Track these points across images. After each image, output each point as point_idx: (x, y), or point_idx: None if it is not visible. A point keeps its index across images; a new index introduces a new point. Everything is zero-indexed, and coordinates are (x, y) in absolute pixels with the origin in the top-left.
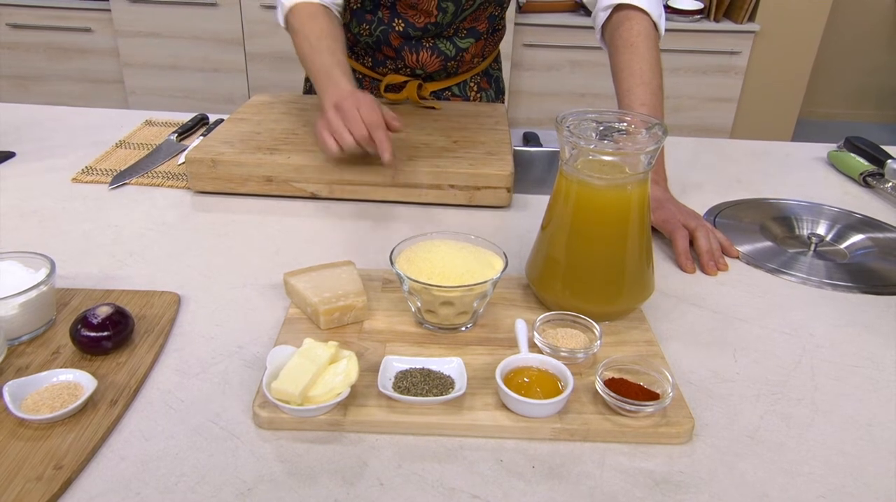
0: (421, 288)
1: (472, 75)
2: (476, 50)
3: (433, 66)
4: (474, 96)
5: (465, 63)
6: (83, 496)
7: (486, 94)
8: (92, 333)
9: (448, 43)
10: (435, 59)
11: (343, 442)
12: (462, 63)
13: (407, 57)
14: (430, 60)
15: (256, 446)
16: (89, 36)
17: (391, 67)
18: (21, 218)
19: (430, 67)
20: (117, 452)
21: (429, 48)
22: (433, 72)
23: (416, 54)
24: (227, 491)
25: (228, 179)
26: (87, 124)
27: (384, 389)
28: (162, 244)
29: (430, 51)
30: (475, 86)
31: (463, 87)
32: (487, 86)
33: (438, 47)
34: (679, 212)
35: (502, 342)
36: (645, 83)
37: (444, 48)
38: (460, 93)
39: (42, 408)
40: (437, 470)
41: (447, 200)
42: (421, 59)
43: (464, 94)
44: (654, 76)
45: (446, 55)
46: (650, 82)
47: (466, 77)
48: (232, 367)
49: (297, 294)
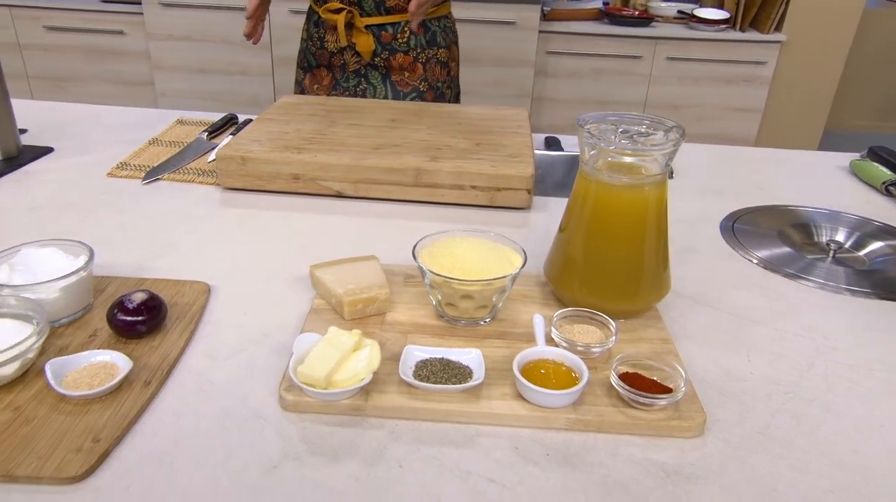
0: (442, 281)
1: (406, 19)
2: None
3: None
4: (401, 35)
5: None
6: (119, 467)
7: (415, 38)
8: (128, 317)
9: None
10: None
11: (364, 425)
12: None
13: None
14: None
15: (282, 427)
16: (122, 39)
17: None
18: (60, 209)
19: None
20: (151, 428)
21: None
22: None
23: None
24: (253, 467)
25: (257, 176)
26: (121, 123)
27: (405, 376)
28: (192, 237)
29: None
30: (408, 30)
31: (396, 27)
32: (421, 32)
33: None
34: None
35: (520, 336)
36: None
37: None
38: (393, 32)
39: (81, 385)
40: (454, 454)
41: (468, 201)
42: None
43: (394, 33)
44: None
45: None
46: None
47: (401, 19)
48: (259, 353)
49: (323, 285)
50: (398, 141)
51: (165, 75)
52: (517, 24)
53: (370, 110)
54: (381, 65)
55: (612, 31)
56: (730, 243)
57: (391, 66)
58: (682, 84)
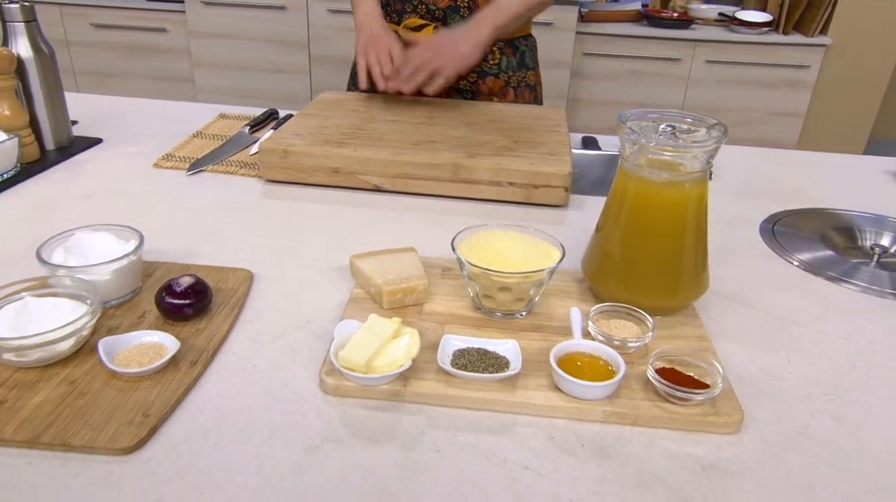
0: (480, 272)
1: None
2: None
3: (443, 1)
4: (493, 56)
5: (480, 8)
6: (167, 442)
7: (506, 59)
8: (175, 300)
9: None
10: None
11: (402, 411)
12: (475, 6)
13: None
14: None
15: (322, 410)
16: (164, 36)
17: (410, 9)
18: (110, 197)
19: (440, 2)
20: (197, 406)
21: None
22: (447, 10)
23: None
24: (296, 446)
25: (298, 169)
26: (166, 116)
27: (443, 365)
28: (235, 226)
29: None
30: (497, 49)
31: None
32: (511, 53)
33: None
34: (435, 55)
35: (556, 330)
36: None
37: None
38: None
39: (131, 363)
40: (490, 442)
41: (505, 197)
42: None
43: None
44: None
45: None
46: None
47: None
48: (300, 339)
49: (362, 275)
50: (436, 137)
51: (205, 72)
52: (554, 25)
53: (408, 107)
54: (468, 88)
55: (650, 32)
56: (770, 245)
57: (479, 91)
58: (720, 87)
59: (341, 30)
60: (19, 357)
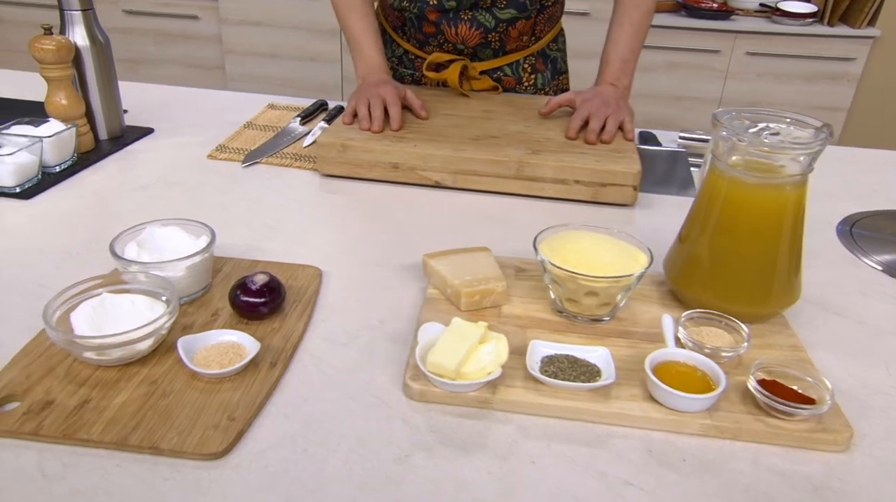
0: (567, 276)
1: (525, 55)
2: (524, 27)
3: (473, 39)
4: (527, 78)
5: (513, 40)
6: (255, 447)
7: (541, 76)
8: (250, 299)
9: (487, 14)
10: (475, 31)
11: (491, 419)
12: (507, 39)
13: (446, 31)
14: (469, 33)
15: (408, 416)
16: (195, 23)
17: (434, 45)
18: (166, 188)
19: (470, 41)
20: (281, 410)
21: (467, 20)
22: (476, 47)
23: (455, 27)
24: (385, 454)
25: (356, 164)
26: (214, 105)
27: (535, 373)
28: (295, 221)
29: (469, 23)
30: (529, 67)
31: (515, 67)
32: (543, 67)
33: (477, 19)
34: (601, 104)
35: (642, 336)
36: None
37: (482, 19)
38: (512, 73)
39: (212, 364)
40: (586, 453)
41: (570, 195)
42: (460, 32)
43: (516, 74)
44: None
45: (486, 27)
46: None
47: (519, 57)
48: (376, 340)
49: (438, 275)
50: (495, 132)
51: (236, 59)
52: (590, 14)
53: (463, 101)
54: None
55: (689, 23)
56: (849, 248)
57: None
58: (760, 80)
59: None
60: (100, 355)
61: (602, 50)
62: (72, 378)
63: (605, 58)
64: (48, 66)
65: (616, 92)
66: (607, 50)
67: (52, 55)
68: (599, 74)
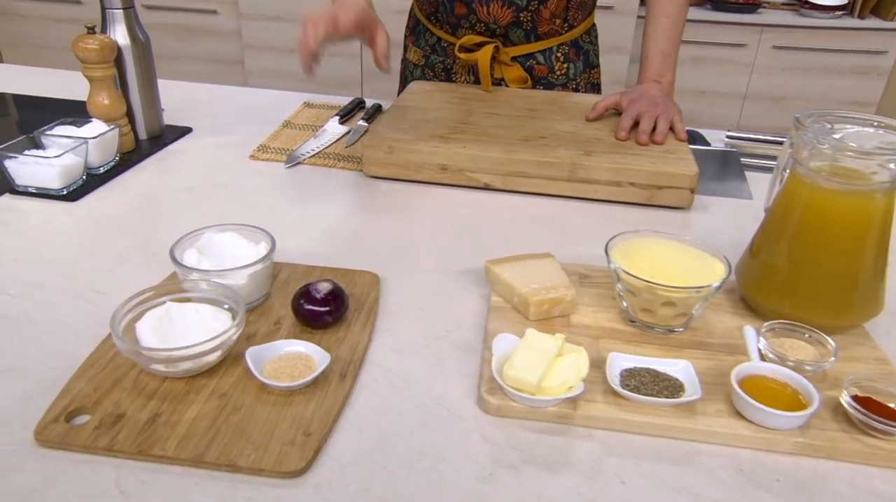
0: (644, 286)
1: (558, 43)
2: (556, 8)
3: (505, 17)
4: (559, 66)
5: (544, 21)
6: (333, 464)
7: (573, 66)
8: (315, 307)
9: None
10: (506, 10)
11: (572, 435)
12: (539, 19)
13: (478, 9)
14: (501, 12)
15: (486, 431)
16: (215, 18)
17: (467, 26)
18: (210, 190)
19: (502, 20)
20: (355, 425)
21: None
22: (508, 26)
23: (487, 6)
24: (468, 473)
25: (403, 166)
26: (250, 104)
27: (618, 388)
28: (346, 224)
29: (501, 1)
30: (561, 56)
31: (548, 55)
32: (575, 56)
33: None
34: (649, 104)
35: (720, 347)
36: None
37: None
38: (545, 61)
39: (282, 376)
40: (675, 472)
41: (624, 198)
42: (492, 10)
43: (549, 62)
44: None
45: (517, 5)
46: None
47: (552, 44)
48: (444, 351)
49: (503, 283)
50: (543, 132)
51: (255, 54)
52: (615, 8)
53: (505, 99)
54: None
55: (715, 17)
56: None
57: None
58: (787, 75)
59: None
60: (168, 367)
61: (641, 47)
62: (140, 390)
63: (645, 53)
64: (91, 65)
65: (661, 89)
66: (646, 46)
67: (95, 55)
68: (641, 71)
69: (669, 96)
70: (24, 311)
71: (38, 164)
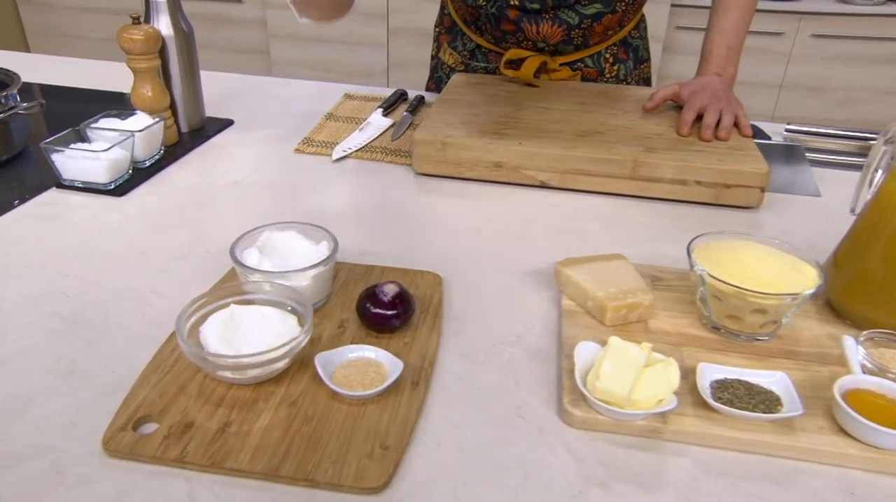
0: (733, 291)
1: (606, 45)
2: (610, 22)
3: (555, 37)
4: (609, 69)
5: (596, 35)
6: (413, 480)
7: (623, 66)
8: (382, 310)
9: (570, 11)
10: (557, 29)
11: (662, 450)
12: (591, 34)
13: (527, 28)
14: (551, 31)
15: (572, 446)
16: (239, 7)
17: (512, 41)
18: (258, 185)
19: (552, 39)
20: (432, 437)
21: (549, 18)
22: (557, 44)
23: (537, 25)
24: (557, 490)
25: (456, 163)
26: (289, 95)
27: (710, 400)
28: (400, 222)
29: (552, 21)
30: (611, 57)
31: (597, 58)
32: (625, 56)
33: (560, 16)
34: (711, 97)
35: (810, 356)
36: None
37: (565, 17)
38: (594, 65)
39: (353, 384)
40: (778, 494)
41: (689, 197)
42: (542, 30)
43: (598, 65)
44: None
45: (569, 24)
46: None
47: (600, 48)
48: (517, 358)
49: (576, 286)
50: (598, 127)
51: (280, 43)
52: None
53: (554, 92)
54: None
55: None
56: None
57: None
58: (826, 64)
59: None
60: (235, 374)
61: (704, 37)
62: (206, 397)
63: (709, 45)
64: (136, 56)
65: (723, 82)
66: (711, 38)
67: (140, 45)
68: (703, 63)
69: (731, 90)
70: (82, 311)
71: (86, 158)
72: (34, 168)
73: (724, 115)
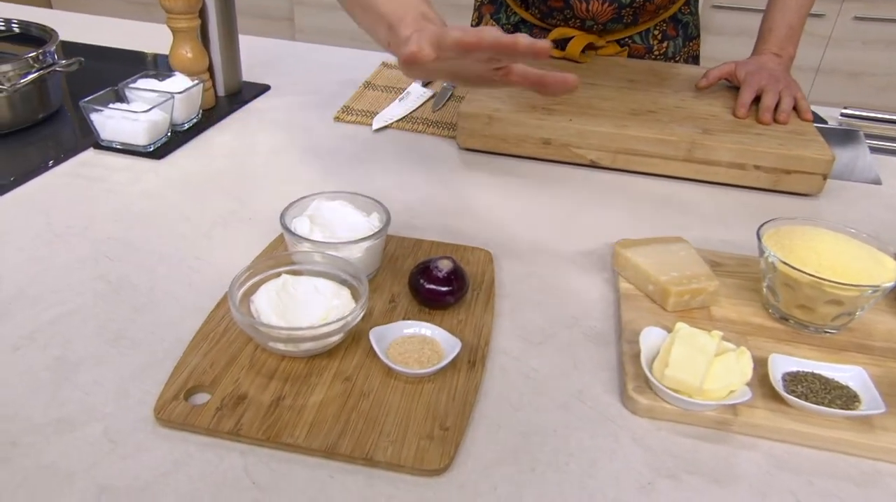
0: (809, 281)
1: (655, 22)
2: (662, 0)
3: (605, 15)
4: (658, 46)
5: (647, 13)
6: (474, 463)
7: (672, 43)
8: (436, 286)
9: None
10: (608, 7)
11: (733, 443)
12: (642, 13)
13: (576, 6)
14: (601, 9)
15: (637, 435)
16: None
17: (559, 18)
18: (297, 153)
19: (601, 17)
20: (492, 419)
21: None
22: (606, 22)
23: (587, 3)
24: (625, 480)
25: (502, 138)
26: (326, 62)
27: (785, 393)
28: (446, 196)
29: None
30: (659, 33)
31: (645, 35)
32: (674, 32)
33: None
34: (769, 78)
35: (885, 351)
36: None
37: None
38: (642, 41)
39: (409, 361)
40: (857, 494)
41: (746, 182)
42: (591, 7)
43: (646, 42)
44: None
45: (620, 2)
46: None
47: (649, 25)
48: (575, 340)
49: (637, 269)
50: (650, 106)
51: (305, 10)
52: None
53: (601, 68)
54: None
55: None
56: None
57: None
58: (866, 48)
59: None
60: (287, 346)
61: (763, 16)
62: (258, 369)
63: (769, 24)
64: (177, 16)
65: (781, 63)
66: (772, 16)
67: (182, 4)
68: (760, 42)
69: (789, 72)
70: (127, 277)
71: (126, 119)
72: (69, 127)
73: (783, 97)
